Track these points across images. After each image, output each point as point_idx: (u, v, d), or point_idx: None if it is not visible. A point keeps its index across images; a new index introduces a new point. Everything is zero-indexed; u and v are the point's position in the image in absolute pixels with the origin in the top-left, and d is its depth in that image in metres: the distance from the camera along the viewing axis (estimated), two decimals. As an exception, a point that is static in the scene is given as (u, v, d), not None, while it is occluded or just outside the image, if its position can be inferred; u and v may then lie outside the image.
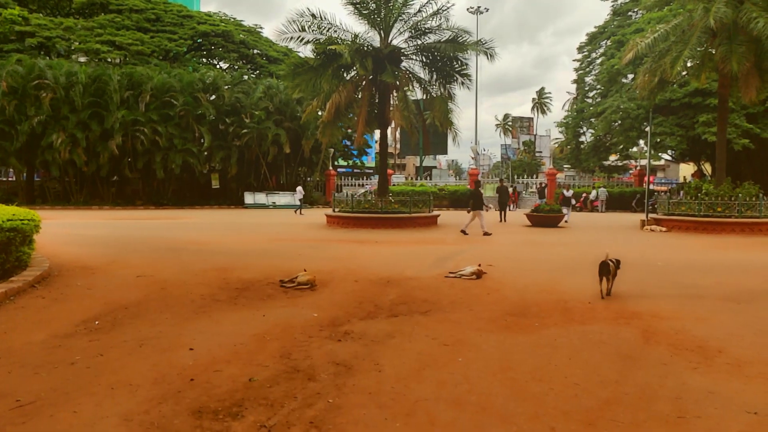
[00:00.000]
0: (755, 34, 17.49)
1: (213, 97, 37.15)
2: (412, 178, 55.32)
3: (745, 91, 19.15)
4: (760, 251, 13.51)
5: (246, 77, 41.63)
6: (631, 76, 34.62)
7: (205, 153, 36.73)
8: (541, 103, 72.54)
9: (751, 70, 18.68)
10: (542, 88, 76.85)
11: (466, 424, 3.56)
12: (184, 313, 6.54)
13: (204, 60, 48.02)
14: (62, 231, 16.04)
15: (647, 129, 23.93)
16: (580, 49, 44.12)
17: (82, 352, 4.99)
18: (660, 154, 40.50)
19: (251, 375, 4.43)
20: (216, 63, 48.14)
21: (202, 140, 36.18)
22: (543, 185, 40.61)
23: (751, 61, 18.50)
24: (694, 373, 4.58)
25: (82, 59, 39.71)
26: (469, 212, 18.00)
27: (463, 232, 17.32)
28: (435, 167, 77.89)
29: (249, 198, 37.60)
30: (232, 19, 48.18)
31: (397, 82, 20.44)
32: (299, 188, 32.54)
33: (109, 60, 39.72)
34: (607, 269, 7.50)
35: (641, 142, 37.35)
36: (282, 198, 38.01)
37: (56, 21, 40.15)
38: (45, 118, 32.24)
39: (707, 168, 36.93)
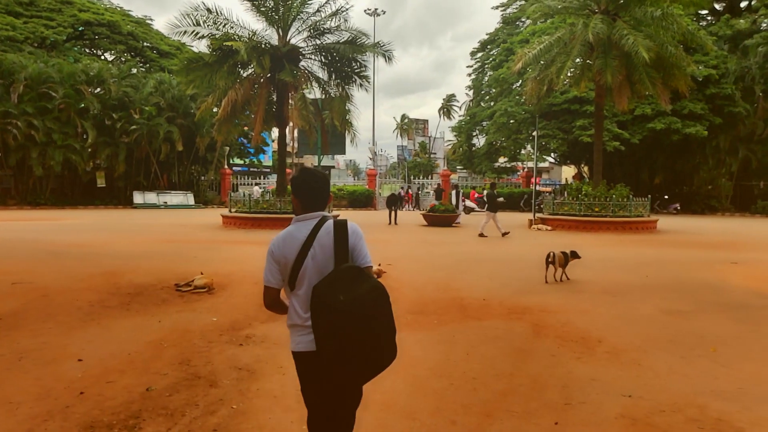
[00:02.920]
0: (626, 50, 19.15)
1: (98, 90, 34.78)
2: (310, 178, 54.81)
3: (618, 101, 20.92)
4: (630, 247, 14.84)
5: (135, 71, 39.31)
6: (519, 83, 36.61)
7: (89, 149, 34.09)
8: (447, 108, 75.85)
9: (623, 83, 20.46)
10: (452, 95, 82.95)
11: (372, 423, 3.64)
12: (70, 322, 6.11)
13: (87, 50, 44.72)
14: None
15: (534, 133, 25.45)
16: (473, 54, 45.99)
17: (-50, 369, 4.53)
18: (545, 156, 43.18)
19: (148, 384, 4.24)
20: (101, 54, 45.03)
21: (85, 136, 33.64)
22: (439, 186, 41.87)
23: (623, 74, 20.26)
24: (578, 363, 4.98)
25: (-60, 43, 35.64)
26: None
27: (493, 235, 17.33)
28: (333, 167, 77.87)
29: (138, 197, 35.61)
30: (119, 9, 45.33)
31: (296, 81, 20.25)
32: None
33: (-26, 45, 35.93)
34: (551, 259, 8.92)
35: (528, 146, 39.71)
36: (174, 197, 36.38)
37: None
38: None
39: (586, 171, 39.90)
